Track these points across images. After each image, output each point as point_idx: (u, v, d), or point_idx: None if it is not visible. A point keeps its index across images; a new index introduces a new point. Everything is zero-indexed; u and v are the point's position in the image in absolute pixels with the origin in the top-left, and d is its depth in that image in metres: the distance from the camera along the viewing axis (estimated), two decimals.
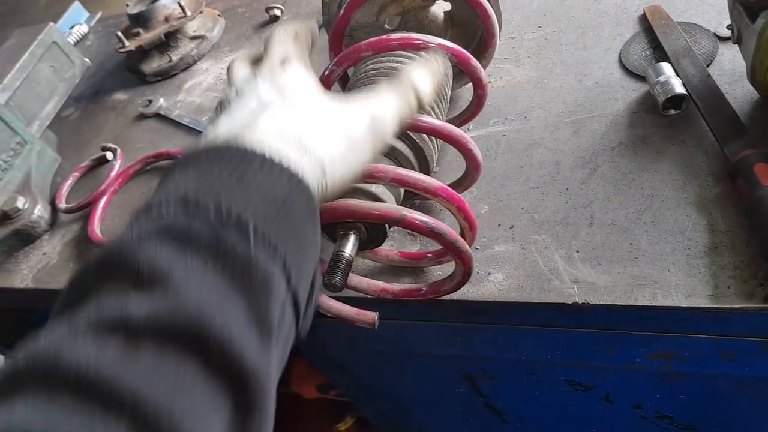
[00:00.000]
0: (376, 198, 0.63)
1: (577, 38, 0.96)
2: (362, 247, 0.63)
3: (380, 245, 0.64)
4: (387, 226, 0.63)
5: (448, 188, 0.59)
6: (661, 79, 0.79)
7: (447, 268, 0.75)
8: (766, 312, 0.60)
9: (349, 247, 0.61)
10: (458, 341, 0.83)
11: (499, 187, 0.80)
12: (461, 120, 0.84)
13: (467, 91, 0.95)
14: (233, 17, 1.40)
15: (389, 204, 0.57)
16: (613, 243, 0.70)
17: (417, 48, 0.70)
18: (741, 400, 0.80)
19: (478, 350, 0.84)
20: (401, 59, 0.76)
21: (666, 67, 0.80)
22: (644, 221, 0.70)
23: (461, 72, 0.88)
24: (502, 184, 0.81)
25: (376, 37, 0.70)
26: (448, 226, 0.61)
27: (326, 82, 0.73)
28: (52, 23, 1.28)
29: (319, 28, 1.21)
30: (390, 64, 0.75)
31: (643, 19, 0.93)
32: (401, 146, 0.68)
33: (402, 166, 0.68)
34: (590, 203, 0.74)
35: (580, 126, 0.83)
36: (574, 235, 0.72)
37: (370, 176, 0.58)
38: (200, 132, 1.13)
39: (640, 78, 0.85)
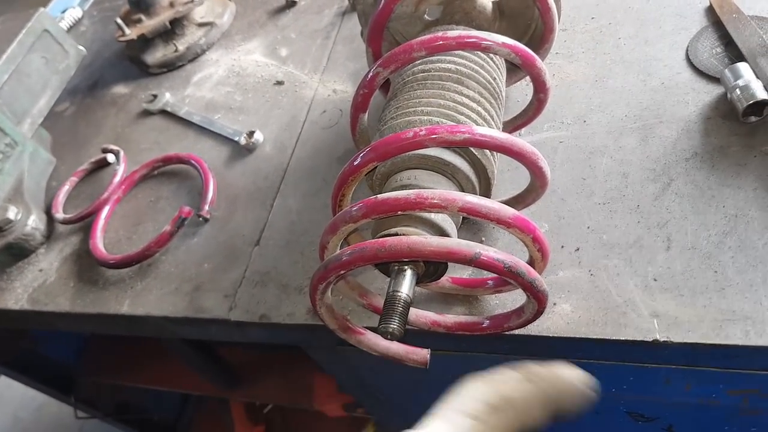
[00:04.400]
0: (440, 230, 0.58)
1: (637, 32, 0.91)
2: (418, 282, 0.59)
3: (439, 279, 0.60)
4: None
5: (524, 218, 0.54)
6: (740, 82, 0.75)
7: (503, 296, 0.71)
8: None
9: (407, 286, 0.56)
10: None
11: (560, 203, 0.76)
12: (515, 125, 0.80)
13: (514, 89, 0.91)
14: (244, 2, 1.35)
15: (459, 240, 0.52)
16: (695, 270, 0.66)
17: (476, 47, 0.65)
18: None
19: None
20: (455, 59, 0.71)
21: (744, 69, 0.76)
22: (729, 245, 0.66)
23: (512, 69, 0.84)
24: (562, 198, 0.76)
25: (429, 36, 0.65)
26: (505, 250, 0.56)
27: (370, 85, 0.69)
28: (42, 8, 1.22)
29: (343, 15, 1.17)
30: (443, 65, 0.71)
31: (710, 12, 0.89)
32: (460, 163, 0.63)
33: (461, 187, 0.64)
34: (666, 223, 0.70)
35: (648, 132, 0.79)
36: (649, 261, 0.68)
37: (434, 206, 0.53)
38: (212, 132, 1.08)
39: (713, 79, 0.81)
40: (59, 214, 1.05)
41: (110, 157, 1.12)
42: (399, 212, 0.55)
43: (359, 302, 0.69)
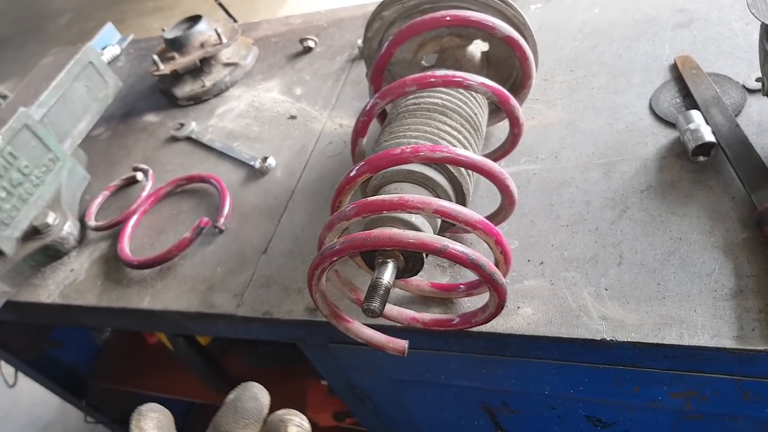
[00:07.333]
0: (415, 228, 0.67)
1: (608, 83, 1.02)
2: (399, 276, 0.68)
3: (416, 274, 0.69)
4: (425, 255, 0.67)
5: (488, 222, 0.64)
6: (691, 126, 0.84)
7: (475, 300, 0.80)
8: None
9: (388, 275, 0.65)
10: (482, 373, 0.87)
11: (530, 224, 0.85)
12: (494, 157, 0.90)
13: (497, 129, 1.01)
14: (266, 46, 1.48)
15: (431, 234, 0.61)
16: (641, 283, 0.74)
17: (459, 85, 0.76)
18: None
19: (501, 383, 0.88)
20: (441, 95, 0.82)
21: (696, 115, 0.85)
22: (672, 263, 0.75)
23: (496, 110, 0.94)
24: (532, 220, 0.86)
25: (420, 74, 0.76)
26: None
27: (369, 114, 0.79)
28: (89, 44, 1.35)
29: (352, 61, 1.29)
30: (431, 100, 0.81)
31: (674, 68, 0.99)
32: (440, 178, 0.73)
33: (439, 198, 0.73)
34: (619, 243, 0.79)
35: (610, 168, 0.88)
36: (603, 274, 0.76)
37: (413, 207, 0.62)
38: (231, 157, 1.19)
39: (670, 124, 0.90)
40: (91, 222, 1.15)
41: (139, 175, 1.22)
42: (384, 212, 0.65)
43: (349, 296, 0.78)
